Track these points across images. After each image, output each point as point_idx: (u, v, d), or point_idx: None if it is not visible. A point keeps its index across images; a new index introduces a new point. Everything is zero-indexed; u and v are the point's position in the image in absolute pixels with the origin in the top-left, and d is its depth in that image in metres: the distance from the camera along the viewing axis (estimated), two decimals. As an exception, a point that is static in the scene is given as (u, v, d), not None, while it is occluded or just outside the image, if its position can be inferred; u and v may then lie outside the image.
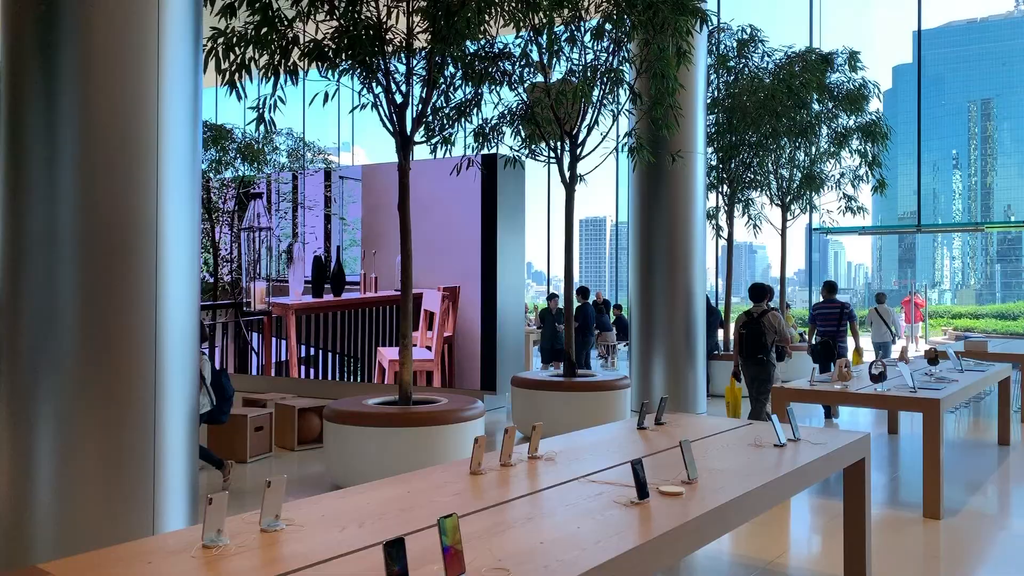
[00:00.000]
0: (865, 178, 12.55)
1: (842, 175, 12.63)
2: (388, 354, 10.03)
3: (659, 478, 2.95)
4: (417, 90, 6.51)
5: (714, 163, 11.76)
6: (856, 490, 3.84)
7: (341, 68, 6.21)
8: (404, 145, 6.32)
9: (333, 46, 6.05)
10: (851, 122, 12.15)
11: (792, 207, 12.57)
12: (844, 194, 12.67)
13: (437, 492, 2.73)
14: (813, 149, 12.13)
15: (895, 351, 11.35)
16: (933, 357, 7.38)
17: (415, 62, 6.41)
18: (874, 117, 12.05)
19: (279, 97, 6.06)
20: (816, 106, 11.82)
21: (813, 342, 9.20)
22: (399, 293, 6.39)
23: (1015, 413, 9.00)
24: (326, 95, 6.34)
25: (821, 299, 9.18)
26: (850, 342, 9.29)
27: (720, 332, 11.54)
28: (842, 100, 11.85)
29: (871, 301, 11.99)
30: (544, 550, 2.13)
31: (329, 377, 10.56)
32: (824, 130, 12.14)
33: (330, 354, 10.55)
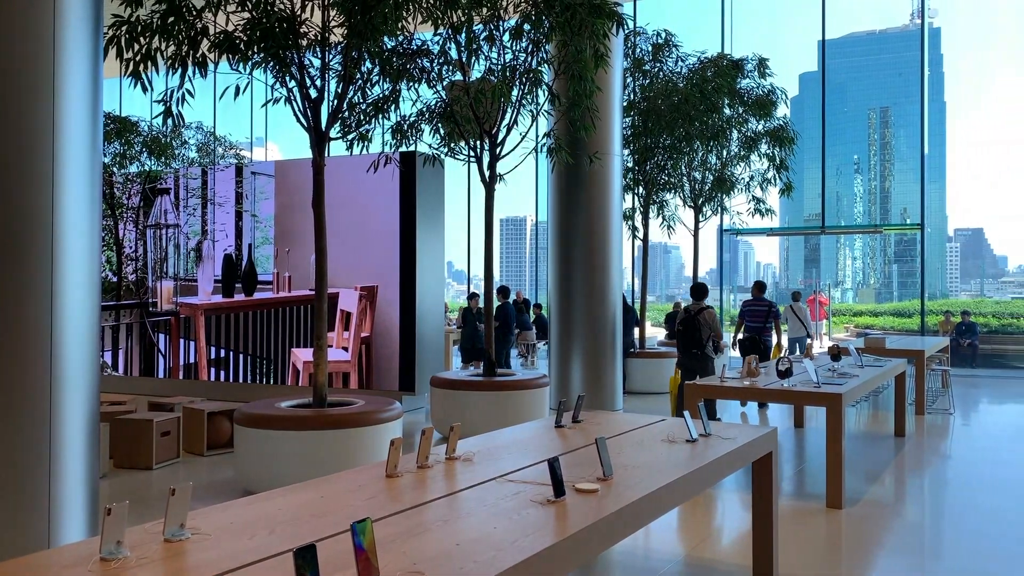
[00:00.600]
0: (773, 181, 13.02)
1: (751, 178, 13.07)
2: (302, 355, 9.81)
3: (576, 476, 2.97)
4: (333, 85, 6.39)
5: (630, 165, 11.99)
6: (764, 482, 3.97)
7: (253, 61, 6.03)
8: (319, 141, 6.19)
9: (244, 38, 5.86)
10: (760, 127, 12.59)
11: (704, 209, 12.93)
12: (753, 196, 13.12)
13: (352, 496, 2.68)
14: (724, 153, 12.51)
15: (810, 346, 11.89)
16: (836, 353, 7.71)
17: (331, 57, 6.28)
18: (782, 122, 12.52)
19: (187, 90, 5.84)
20: (727, 111, 12.19)
21: (741, 337, 9.77)
22: (314, 292, 6.26)
23: (910, 406, 9.51)
24: (237, 89, 6.15)
25: (751, 297, 9.76)
26: (781, 337, 10.17)
27: (636, 330, 11.78)
28: (752, 105, 12.26)
29: (779, 299, 12.79)
30: (460, 552, 2.11)
31: (241, 380, 10.25)
32: (735, 134, 12.54)
33: (242, 356, 10.24)
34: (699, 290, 8.03)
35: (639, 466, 3.15)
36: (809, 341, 10.88)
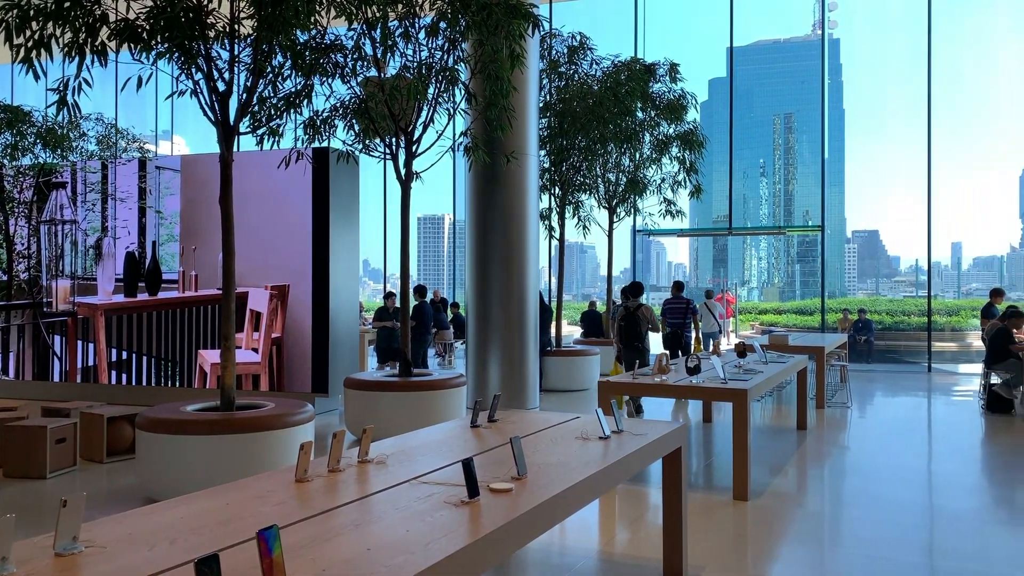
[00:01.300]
0: (684, 183, 13.39)
1: (663, 180, 13.40)
2: (210, 357, 9.48)
3: (491, 475, 2.97)
4: (242, 78, 6.19)
5: (547, 166, 12.10)
6: (673, 477, 4.07)
7: (157, 51, 5.78)
8: (227, 135, 5.99)
9: (147, 27, 5.61)
10: (671, 130, 12.92)
11: (618, 210, 13.19)
12: (665, 198, 13.46)
13: (259, 503, 2.60)
14: (637, 155, 12.78)
15: (718, 344, 12.40)
16: (742, 350, 7.99)
17: (240, 49, 6.09)
18: (691, 126, 12.89)
19: (84, 79, 5.54)
20: (640, 114, 12.46)
21: (665, 332, 10.74)
22: (221, 292, 6.05)
23: (811, 400, 9.94)
24: (140, 79, 5.88)
25: (671, 295, 10.65)
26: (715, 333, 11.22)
27: (553, 329, 11.90)
28: (663, 109, 12.58)
29: (692, 298, 13.54)
30: (371, 557, 2.08)
31: (144, 382, 9.82)
32: (647, 137, 12.83)
33: (145, 358, 9.81)
34: (636, 288, 8.80)
35: (553, 464, 3.17)
36: (716, 339, 11.38)
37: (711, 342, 12.28)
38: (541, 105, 12.00)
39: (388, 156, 8.15)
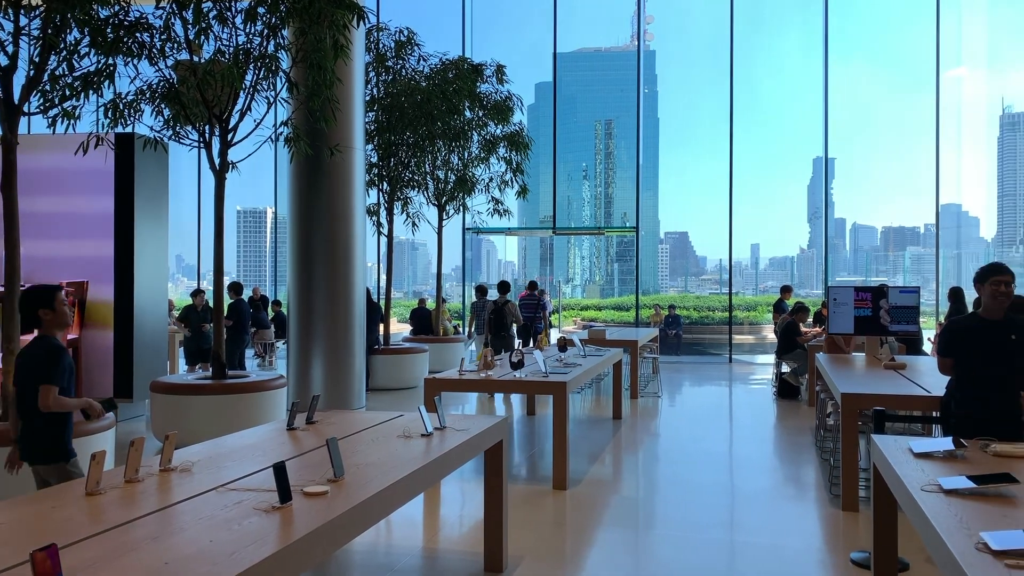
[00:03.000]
0: (511, 183, 13.66)
1: (491, 180, 13.61)
2: (-6, 361, 8.48)
3: (306, 479, 2.87)
4: (30, 53, 5.58)
5: (375, 160, 11.92)
6: (495, 470, 4.14)
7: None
8: (10, 115, 5.38)
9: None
10: (498, 131, 13.14)
11: (448, 208, 13.24)
12: (493, 197, 13.67)
13: (43, 519, 2.35)
14: (466, 154, 12.90)
15: (543, 339, 12.90)
16: (563, 345, 8.28)
17: (27, 20, 5.48)
18: (517, 128, 13.18)
19: None
20: (468, 113, 12.57)
21: (520, 324, 11.93)
22: (3, 289, 5.43)
23: (626, 391, 10.49)
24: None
25: (526, 292, 12.06)
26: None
27: (381, 327, 11.74)
28: (491, 110, 12.76)
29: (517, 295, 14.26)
30: (169, 571, 1.94)
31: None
32: (476, 136, 12.97)
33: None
34: (504, 286, 10.84)
35: (372, 464, 3.12)
36: (542, 335, 11.80)
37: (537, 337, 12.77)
38: (368, 99, 11.80)
39: (201, 145, 7.67)
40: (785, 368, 10.59)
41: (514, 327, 10.84)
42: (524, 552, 4.41)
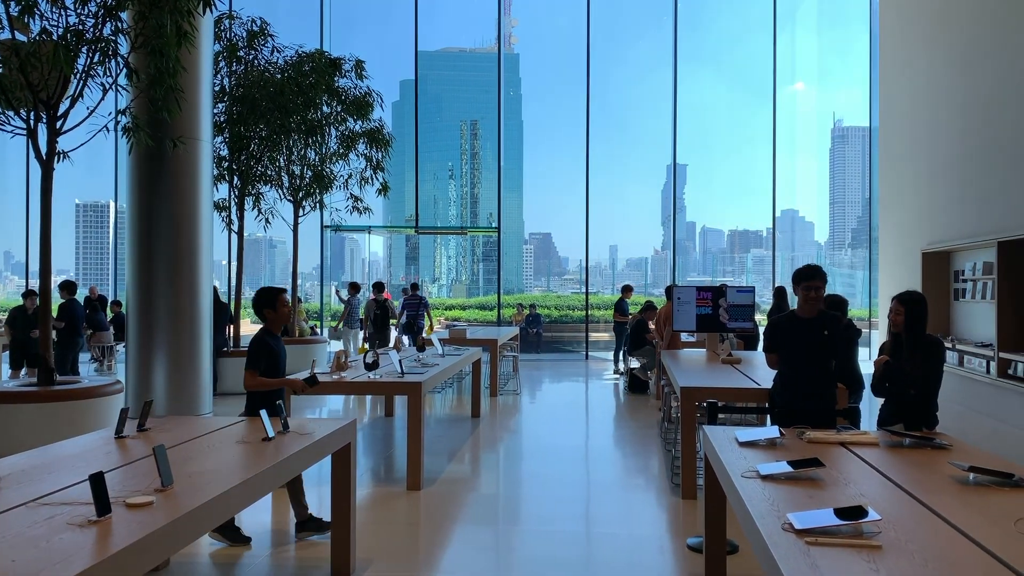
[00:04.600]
0: (371, 180, 13.43)
1: (350, 176, 13.33)
2: None
3: (130, 489, 2.70)
4: None
5: (224, 154, 11.40)
6: (342, 473, 4.06)
7: None
8: None
9: None
10: (358, 127, 12.89)
11: (304, 204, 12.84)
12: (352, 194, 13.39)
13: None
14: (323, 149, 12.56)
15: (399, 339, 12.94)
16: (421, 345, 8.25)
17: None
18: (377, 124, 12.98)
19: None
20: (326, 108, 12.26)
21: (403, 321, 12.93)
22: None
23: (485, 389, 10.59)
24: None
25: (409, 293, 13.01)
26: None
27: (230, 328, 11.24)
28: (350, 105, 12.49)
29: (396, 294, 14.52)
30: (-42, 597, 1.77)
31: None
32: (334, 132, 12.66)
33: None
34: (380, 286, 12.48)
35: (206, 471, 2.98)
36: (427, 329, 12.95)
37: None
38: (218, 89, 11.27)
39: (25, 132, 7.05)
40: (635, 363, 11.03)
41: (391, 323, 12.29)
42: (374, 555, 4.35)
